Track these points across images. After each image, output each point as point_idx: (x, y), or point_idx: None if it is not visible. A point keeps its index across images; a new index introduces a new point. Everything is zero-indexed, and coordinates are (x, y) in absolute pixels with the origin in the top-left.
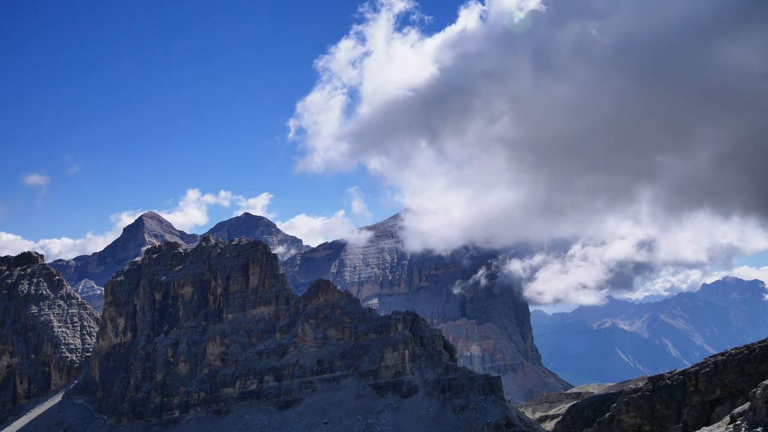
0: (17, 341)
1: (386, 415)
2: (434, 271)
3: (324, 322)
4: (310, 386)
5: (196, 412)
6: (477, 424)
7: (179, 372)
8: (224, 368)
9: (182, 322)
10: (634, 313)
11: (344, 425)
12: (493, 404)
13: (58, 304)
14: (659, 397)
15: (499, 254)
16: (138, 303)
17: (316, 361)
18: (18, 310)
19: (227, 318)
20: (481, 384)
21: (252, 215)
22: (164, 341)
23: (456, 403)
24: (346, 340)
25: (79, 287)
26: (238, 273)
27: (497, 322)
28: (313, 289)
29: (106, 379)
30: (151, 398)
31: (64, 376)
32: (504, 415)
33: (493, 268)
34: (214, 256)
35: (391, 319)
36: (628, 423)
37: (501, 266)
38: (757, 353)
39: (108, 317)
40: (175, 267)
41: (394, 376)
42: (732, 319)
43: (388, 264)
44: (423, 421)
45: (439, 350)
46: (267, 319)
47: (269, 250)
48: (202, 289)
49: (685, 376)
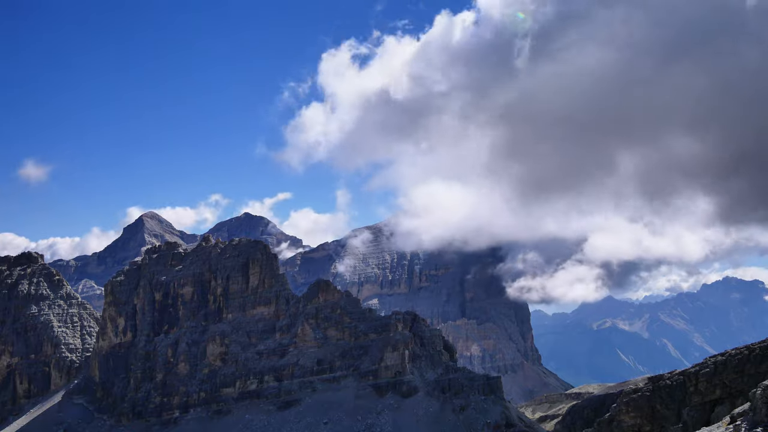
0: (17, 341)
1: (386, 415)
2: (434, 271)
3: (324, 322)
4: (310, 386)
5: (196, 412)
6: (477, 424)
7: (179, 372)
8: (224, 368)
9: (182, 322)
10: (634, 314)
11: (344, 425)
12: (493, 404)
13: (58, 304)
14: (659, 397)
15: (500, 253)
16: (138, 303)
17: (316, 361)
18: (18, 310)
19: (227, 318)
20: (481, 384)
21: (252, 215)
22: (164, 341)
23: (456, 404)
24: (346, 340)
25: (79, 287)
26: (238, 273)
27: (497, 322)
28: (313, 289)
29: (106, 379)
30: (151, 398)
31: (64, 376)
32: (504, 415)
33: (494, 268)
34: (214, 256)
35: (391, 319)
36: (627, 423)
37: (501, 265)
38: (757, 354)
39: (108, 317)
40: (175, 267)
41: (394, 376)
42: (732, 319)
43: (388, 264)
44: (423, 421)
45: (439, 350)
46: (267, 319)
47: (269, 250)
48: (202, 289)
49: (685, 376)
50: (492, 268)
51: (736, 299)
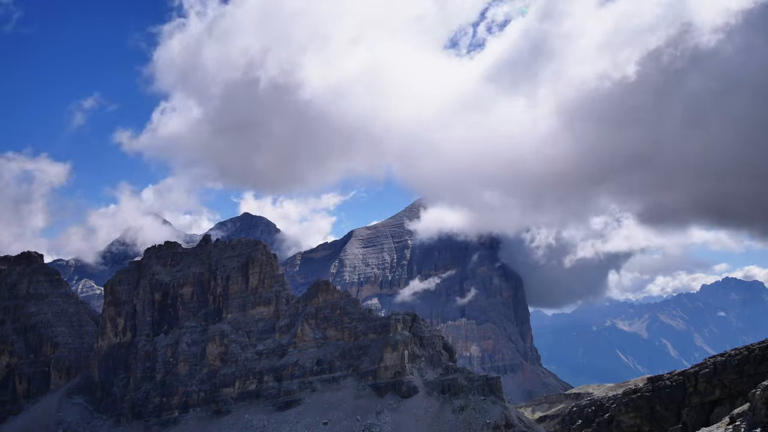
0: (17, 341)
1: (386, 415)
2: (434, 271)
3: (323, 322)
4: (310, 386)
5: (196, 412)
6: (476, 425)
7: (179, 372)
8: (224, 368)
9: (182, 322)
10: (634, 314)
11: (344, 425)
12: (493, 405)
13: (57, 304)
14: (658, 397)
15: (499, 252)
16: (138, 303)
17: (315, 361)
18: (18, 310)
19: (227, 318)
20: (481, 384)
21: (252, 215)
22: (164, 341)
23: (455, 404)
24: (345, 341)
25: (78, 287)
26: (238, 273)
27: (497, 322)
28: (313, 289)
29: (106, 379)
30: (150, 398)
31: (63, 376)
32: (503, 416)
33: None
34: (214, 256)
35: (390, 320)
36: (627, 423)
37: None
38: (757, 354)
39: (107, 317)
40: (175, 267)
41: (393, 377)
42: (732, 319)
43: (388, 264)
44: (422, 421)
45: (438, 351)
46: (267, 319)
47: (269, 250)
48: (202, 289)
49: (685, 376)
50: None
51: (736, 299)
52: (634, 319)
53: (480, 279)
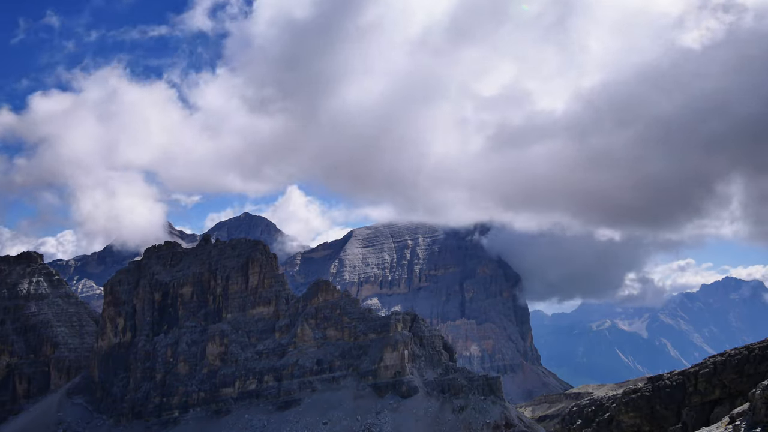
0: (17, 341)
1: (385, 415)
2: (434, 271)
3: (323, 322)
4: (310, 386)
5: (196, 412)
6: (476, 425)
7: (179, 372)
8: (224, 368)
9: (182, 321)
10: (634, 314)
11: (343, 425)
12: (493, 404)
13: (57, 304)
14: (658, 397)
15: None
16: (137, 303)
17: (315, 361)
18: (18, 310)
19: (227, 318)
20: (481, 384)
21: (252, 215)
22: (164, 341)
23: (455, 404)
24: (345, 340)
25: (78, 287)
26: (238, 273)
27: (497, 322)
28: (313, 289)
29: (106, 379)
30: (150, 398)
31: (63, 376)
32: (503, 416)
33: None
34: (213, 255)
35: (390, 319)
36: (627, 423)
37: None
38: (757, 354)
39: (107, 317)
40: (174, 267)
41: (393, 377)
42: (731, 319)
43: (388, 264)
44: (422, 421)
45: (438, 350)
46: (266, 319)
47: (269, 250)
48: (201, 288)
49: (685, 376)
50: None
51: (736, 300)
52: (633, 319)
53: (480, 279)
